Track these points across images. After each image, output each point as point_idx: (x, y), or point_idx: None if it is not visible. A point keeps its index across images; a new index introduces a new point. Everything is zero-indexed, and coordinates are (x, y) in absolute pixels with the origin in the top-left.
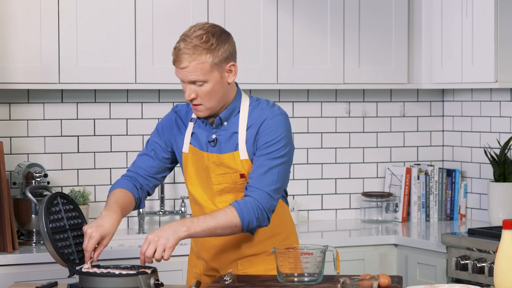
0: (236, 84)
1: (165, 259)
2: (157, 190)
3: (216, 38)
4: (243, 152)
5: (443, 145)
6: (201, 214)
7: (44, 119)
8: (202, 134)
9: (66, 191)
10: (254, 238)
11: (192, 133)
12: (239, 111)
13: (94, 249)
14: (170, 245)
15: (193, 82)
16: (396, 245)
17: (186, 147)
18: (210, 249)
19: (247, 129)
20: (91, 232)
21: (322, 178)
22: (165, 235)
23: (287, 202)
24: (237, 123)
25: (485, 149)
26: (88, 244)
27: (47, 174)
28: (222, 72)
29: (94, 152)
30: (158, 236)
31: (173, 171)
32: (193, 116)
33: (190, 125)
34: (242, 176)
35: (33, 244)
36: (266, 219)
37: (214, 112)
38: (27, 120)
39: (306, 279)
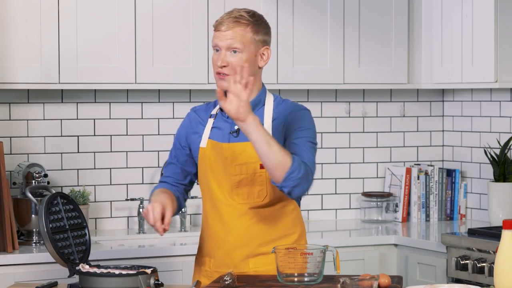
0: (263, 83)
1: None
2: None
3: (260, 18)
4: None
5: (443, 145)
6: (214, 210)
7: (44, 119)
8: (224, 126)
9: (66, 191)
10: (267, 237)
11: (212, 128)
12: (263, 105)
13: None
14: (235, 110)
15: (229, 49)
16: (396, 245)
17: (204, 142)
18: (223, 245)
19: (272, 121)
20: (150, 206)
21: (322, 178)
22: (244, 108)
23: (299, 204)
24: (262, 115)
25: (485, 149)
26: (153, 214)
27: (47, 174)
28: (257, 51)
29: (94, 152)
30: (238, 105)
31: None
32: (213, 112)
33: (210, 121)
34: (261, 166)
35: (33, 244)
36: (309, 180)
37: None
38: (27, 120)
39: (306, 279)
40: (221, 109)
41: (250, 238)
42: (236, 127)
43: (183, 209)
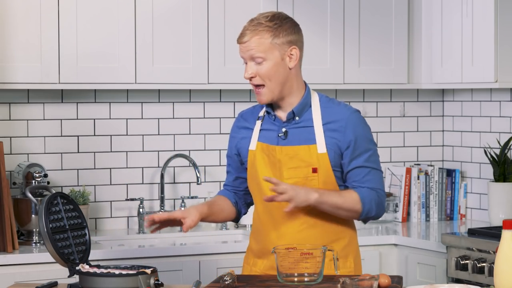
0: (305, 82)
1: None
2: (157, 190)
3: (280, 20)
4: (321, 146)
5: (443, 145)
6: (266, 213)
7: (44, 119)
8: (272, 129)
9: (66, 191)
10: (318, 241)
11: (260, 130)
12: (310, 106)
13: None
14: (295, 204)
15: (253, 60)
16: (396, 245)
17: (253, 145)
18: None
19: (323, 124)
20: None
21: None
22: (300, 195)
23: None
24: (310, 118)
25: (485, 149)
26: (160, 214)
27: (47, 174)
28: (283, 54)
29: (94, 152)
30: (295, 192)
31: (173, 172)
32: (260, 114)
33: (258, 124)
34: (314, 170)
35: (33, 244)
36: (382, 210)
37: (277, 98)
38: (27, 120)
39: (306, 279)
40: (267, 112)
41: (303, 241)
42: (284, 130)
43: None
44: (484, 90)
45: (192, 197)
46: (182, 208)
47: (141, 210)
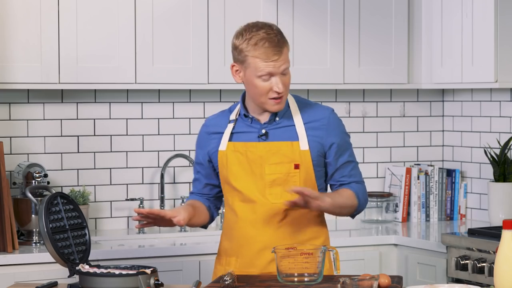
0: None
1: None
2: (157, 190)
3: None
4: (303, 143)
5: (443, 145)
6: (250, 211)
7: (44, 119)
8: (249, 130)
9: (66, 191)
10: (296, 239)
11: (233, 133)
12: (288, 107)
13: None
14: (311, 207)
15: (282, 72)
16: (396, 245)
17: (223, 145)
18: (253, 245)
19: (305, 124)
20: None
21: None
22: (323, 202)
23: None
24: (291, 118)
25: (485, 149)
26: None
27: (47, 174)
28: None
29: (94, 152)
30: (317, 197)
31: (173, 172)
32: (232, 118)
33: (229, 126)
34: (296, 167)
35: (33, 244)
36: (367, 201)
37: None
38: (27, 120)
39: (306, 279)
40: (245, 115)
41: (281, 238)
42: (263, 131)
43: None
44: (484, 90)
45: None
46: None
47: None
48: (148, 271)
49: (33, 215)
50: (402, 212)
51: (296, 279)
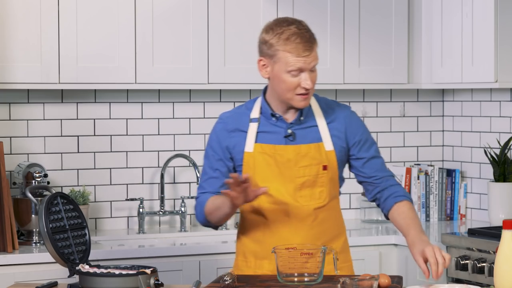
0: None
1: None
2: (157, 190)
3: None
4: (328, 143)
5: (443, 145)
6: (282, 214)
7: (44, 119)
8: (275, 130)
9: (66, 191)
10: (325, 237)
11: (258, 133)
12: (310, 107)
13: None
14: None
15: (312, 69)
16: (396, 245)
17: (249, 147)
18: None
19: (328, 124)
20: (222, 197)
21: None
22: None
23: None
24: (313, 117)
25: (485, 149)
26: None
27: (47, 174)
28: None
29: (94, 152)
30: (435, 248)
31: (173, 172)
32: (253, 116)
33: (253, 125)
34: (324, 168)
35: (33, 244)
36: None
37: None
38: (27, 120)
39: (306, 279)
40: (271, 114)
41: (312, 239)
42: (289, 131)
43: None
44: (484, 90)
45: (192, 197)
46: (183, 209)
47: (141, 210)
48: (148, 271)
49: (33, 215)
50: None
51: (296, 279)
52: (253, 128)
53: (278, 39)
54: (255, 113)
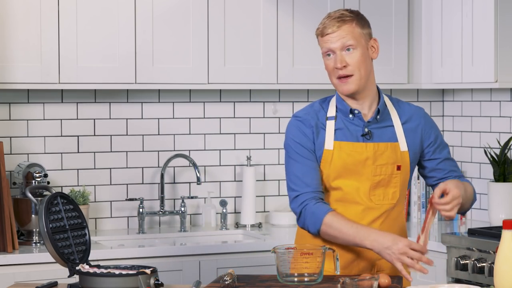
0: None
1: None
2: (157, 190)
3: (359, 13)
4: (402, 144)
5: None
6: (353, 212)
7: (44, 119)
8: (351, 128)
9: (66, 191)
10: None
11: (335, 130)
12: (385, 105)
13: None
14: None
15: (344, 48)
16: None
17: (329, 144)
18: (344, 255)
19: (403, 124)
20: (402, 250)
21: None
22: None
23: None
24: (389, 116)
25: (485, 149)
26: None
27: (47, 174)
28: (367, 44)
29: (94, 152)
30: (460, 197)
31: (173, 172)
32: (330, 114)
33: (330, 123)
34: (398, 168)
35: (33, 244)
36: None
37: (361, 89)
38: (27, 120)
39: (306, 279)
40: (350, 110)
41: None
42: (366, 129)
43: (183, 209)
44: (484, 90)
45: (192, 197)
46: (183, 209)
47: (141, 210)
48: (148, 271)
49: (33, 215)
50: None
51: (296, 279)
52: (330, 125)
53: (317, 28)
54: (331, 111)
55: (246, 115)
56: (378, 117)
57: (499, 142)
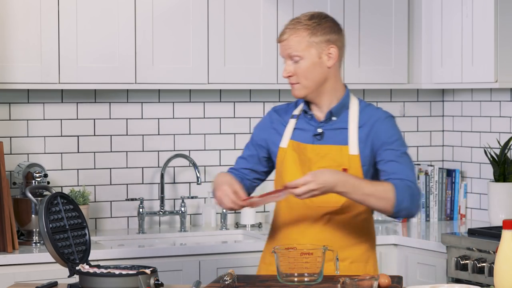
0: (345, 85)
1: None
2: (157, 190)
3: (319, 19)
4: (353, 148)
5: (443, 145)
6: (289, 211)
7: (44, 119)
8: (307, 128)
9: (66, 191)
10: (337, 243)
11: (294, 129)
12: (347, 108)
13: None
14: (316, 194)
15: (291, 58)
16: (396, 245)
17: (284, 142)
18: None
19: (359, 128)
20: (219, 192)
21: None
22: (325, 187)
23: (373, 212)
24: (346, 120)
25: (485, 149)
26: (228, 196)
27: (47, 174)
28: (321, 52)
29: (94, 152)
30: (321, 185)
31: (173, 172)
32: (295, 112)
33: (292, 122)
34: (344, 171)
35: (33, 244)
36: (416, 205)
37: (313, 95)
38: (27, 120)
39: (306, 279)
40: (304, 111)
41: (323, 242)
42: (319, 130)
43: (183, 209)
44: (484, 90)
45: (192, 197)
46: (183, 209)
47: (141, 210)
48: (148, 271)
49: (33, 215)
50: None
51: (296, 279)
52: (291, 124)
53: None
54: (298, 110)
55: (246, 115)
56: (334, 118)
57: (499, 142)
